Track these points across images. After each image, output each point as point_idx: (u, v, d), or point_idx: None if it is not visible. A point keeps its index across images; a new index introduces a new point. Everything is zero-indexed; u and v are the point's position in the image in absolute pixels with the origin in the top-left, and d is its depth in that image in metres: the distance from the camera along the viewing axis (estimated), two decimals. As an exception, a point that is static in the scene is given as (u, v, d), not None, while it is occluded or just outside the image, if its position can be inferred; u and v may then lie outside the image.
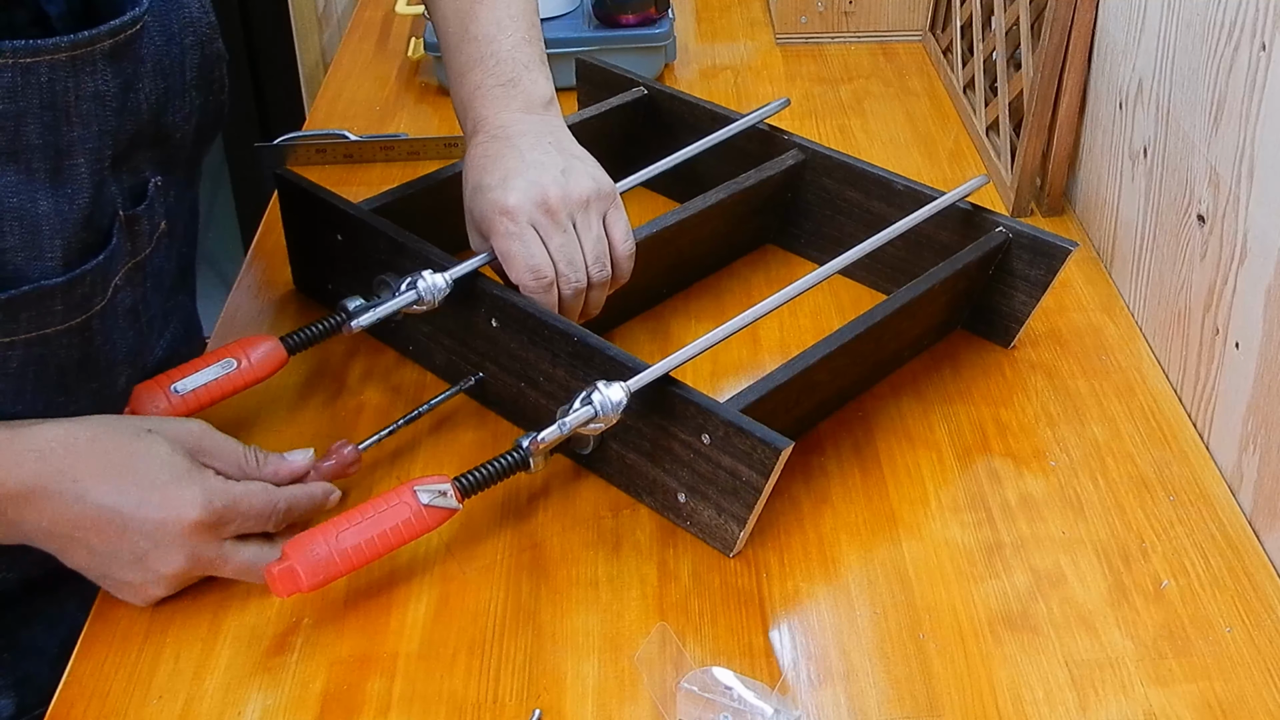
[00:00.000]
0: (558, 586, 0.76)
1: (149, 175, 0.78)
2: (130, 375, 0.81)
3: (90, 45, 0.68)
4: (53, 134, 0.68)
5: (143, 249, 0.78)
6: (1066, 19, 1.05)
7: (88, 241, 0.72)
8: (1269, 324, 0.79)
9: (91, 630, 0.73)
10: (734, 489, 0.75)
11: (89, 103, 0.69)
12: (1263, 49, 0.78)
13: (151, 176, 0.78)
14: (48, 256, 0.69)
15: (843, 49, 1.44)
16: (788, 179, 1.02)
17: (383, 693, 0.69)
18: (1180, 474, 0.84)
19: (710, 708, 0.67)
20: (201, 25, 0.79)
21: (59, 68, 0.67)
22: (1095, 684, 0.70)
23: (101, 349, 0.77)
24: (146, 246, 0.78)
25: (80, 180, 0.70)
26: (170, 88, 0.77)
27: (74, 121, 0.69)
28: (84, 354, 0.75)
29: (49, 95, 0.67)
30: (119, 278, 0.76)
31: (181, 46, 0.78)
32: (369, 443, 0.82)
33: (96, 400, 0.76)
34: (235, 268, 1.07)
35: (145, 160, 0.77)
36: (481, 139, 0.87)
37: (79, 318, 0.73)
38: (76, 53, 0.68)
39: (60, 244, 0.70)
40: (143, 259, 0.78)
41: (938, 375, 0.92)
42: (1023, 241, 0.91)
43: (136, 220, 0.76)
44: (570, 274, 0.83)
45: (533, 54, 0.90)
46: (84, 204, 0.71)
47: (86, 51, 0.68)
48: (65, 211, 0.70)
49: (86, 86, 0.69)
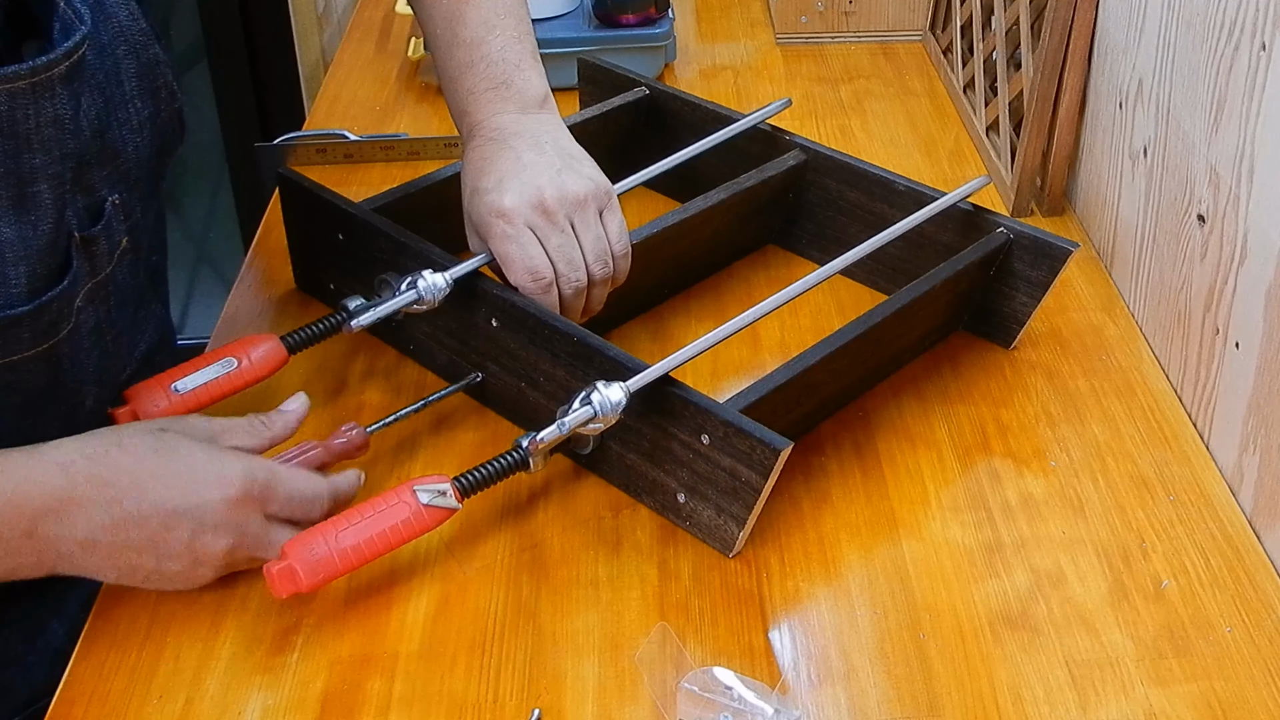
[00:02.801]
0: (558, 586, 0.76)
1: (105, 194, 0.76)
2: (98, 395, 0.80)
3: (49, 70, 0.67)
4: (14, 161, 0.67)
5: (103, 268, 0.77)
6: (1066, 19, 1.05)
7: (52, 267, 0.71)
8: (1269, 324, 0.79)
9: (91, 630, 0.73)
10: (733, 489, 0.75)
11: (50, 128, 0.68)
12: (1263, 49, 0.78)
13: (108, 195, 0.77)
14: (13, 284, 0.68)
15: (843, 49, 1.44)
16: (789, 179, 1.02)
17: (383, 693, 0.69)
18: (1180, 474, 0.84)
19: (710, 708, 0.67)
20: (133, 33, 0.78)
21: (19, 95, 0.66)
22: (1095, 684, 0.70)
23: (69, 371, 0.76)
24: (107, 265, 0.77)
25: (44, 207, 0.69)
26: (110, 101, 0.76)
27: (35, 148, 0.68)
28: (51, 377, 0.75)
29: (9, 122, 0.66)
30: (80, 299, 0.75)
31: (115, 58, 0.77)
32: (377, 426, 0.82)
33: (65, 422, 0.74)
34: (235, 268, 1.07)
35: (99, 179, 0.76)
36: (478, 142, 0.87)
37: (46, 344, 0.72)
38: (36, 79, 0.66)
39: (25, 271, 0.69)
40: (104, 278, 0.77)
41: (938, 375, 0.92)
42: (1024, 242, 0.91)
43: (94, 241, 0.75)
44: (570, 273, 0.83)
45: (523, 52, 0.89)
46: (47, 230, 0.70)
47: (45, 77, 0.67)
48: (29, 238, 0.69)
49: (46, 111, 0.68)
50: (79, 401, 0.78)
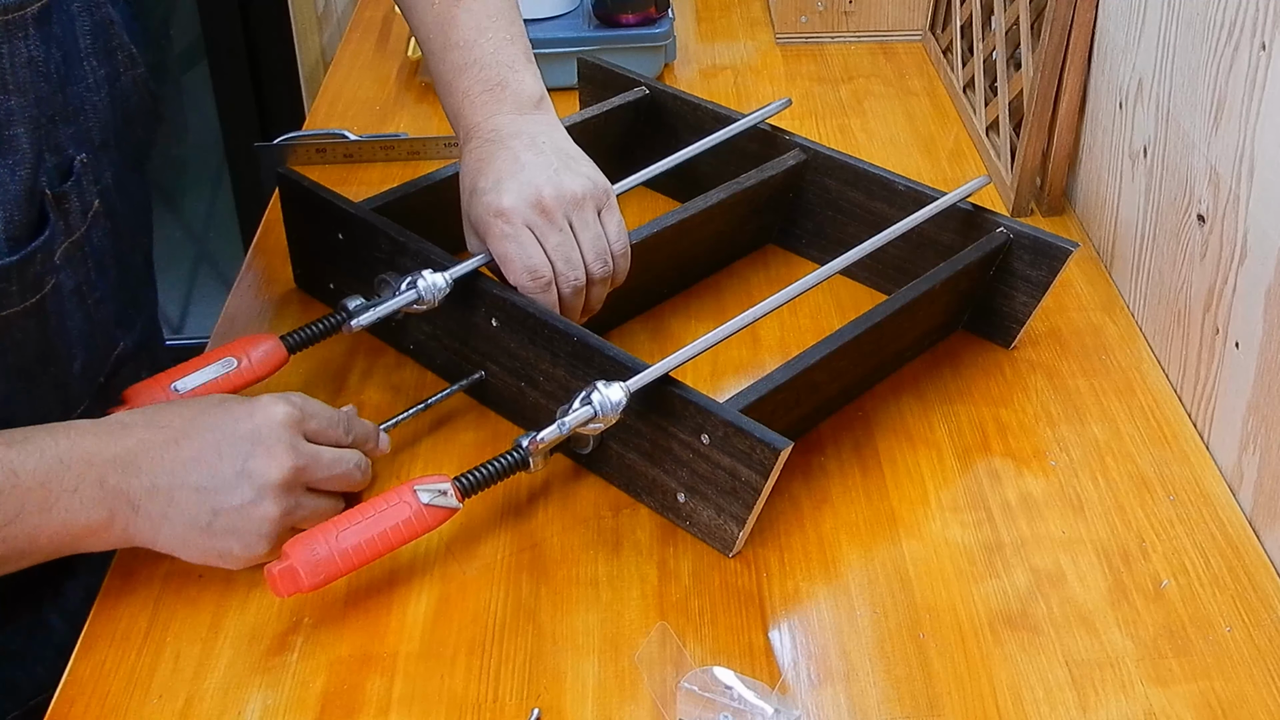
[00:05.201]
0: (558, 586, 0.76)
1: (72, 153, 0.77)
2: (85, 360, 0.81)
3: (21, 10, 0.67)
4: None
5: (77, 227, 0.78)
6: (1066, 19, 1.05)
7: (31, 217, 0.72)
8: (1269, 324, 0.79)
9: (92, 629, 0.73)
10: (733, 489, 0.75)
11: (24, 70, 0.69)
12: (1263, 49, 0.78)
13: (75, 154, 0.77)
14: None
15: (843, 49, 1.44)
16: (789, 179, 1.02)
17: (383, 693, 0.69)
18: (1180, 474, 0.84)
19: (710, 707, 0.67)
20: None
21: None
22: (1095, 683, 0.70)
23: (57, 331, 0.77)
24: (81, 225, 0.78)
25: (21, 151, 0.70)
26: (68, 56, 0.76)
27: (10, 89, 0.68)
28: (40, 336, 0.76)
29: None
30: (58, 257, 0.76)
31: (69, 14, 0.77)
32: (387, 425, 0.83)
33: (57, 387, 0.78)
34: (235, 267, 1.07)
35: (65, 137, 0.76)
36: (475, 144, 0.87)
37: (34, 298, 0.74)
38: (8, 17, 0.67)
39: (3, 218, 0.70)
40: (79, 238, 0.78)
41: (938, 375, 0.92)
42: (1024, 242, 0.91)
43: (65, 198, 0.76)
44: (568, 272, 0.83)
45: (517, 53, 0.89)
46: (25, 176, 0.70)
47: (18, 16, 0.67)
48: (7, 184, 0.69)
49: (20, 53, 0.68)
50: (68, 366, 0.80)
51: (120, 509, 0.70)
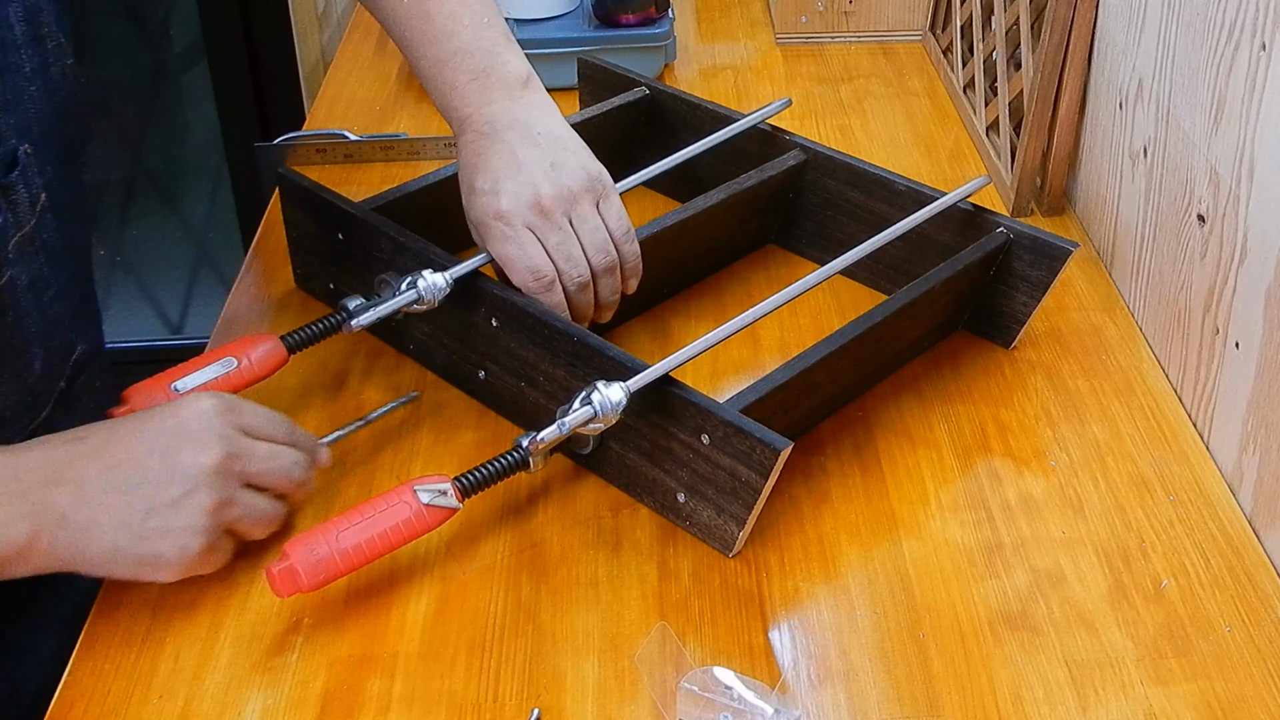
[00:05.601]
0: (558, 586, 0.76)
1: (15, 143, 0.76)
2: (44, 357, 0.80)
3: None
4: None
5: (27, 220, 0.77)
6: (1066, 19, 1.05)
7: None
8: (1269, 324, 0.79)
9: (91, 630, 0.73)
10: (733, 489, 0.75)
11: None
12: (1263, 49, 0.78)
13: (19, 144, 0.76)
14: None
15: (843, 49, 1.44)
16: (789, 179, 1.02)
17: (383, 693, 0.69)
18: (1180, 474, 0.84)
19: (710, 707, 0.67)
20: None
21: None
22: (1095, 684, 0.70)
23: (14, 326, 0.77)
24: (30, 218, 0.77)
25: None
26: (3, 43, 0.75)
27: None
28: None
29: None
30: (11, 250, 0.75)
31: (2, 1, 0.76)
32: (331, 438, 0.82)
33: (17, 383, 0.76)
34: (235, 267, 1.07)
35: (7, 127, 0.75)
36: (470, 137, 0.86)
37: None
38: None
39: None
40: (30, 231, 0.77)
41: (938, 375, 0.92)
42: (1024, 242, 0.91)
43: (12, 189, 0.75)
44: (571, 269, 0.83)
45: (496, 36, 0.88)
46: None
47: None
48: None
49: None
50: (28, 362, 0.79)
51: (45, 524, 0.67)
